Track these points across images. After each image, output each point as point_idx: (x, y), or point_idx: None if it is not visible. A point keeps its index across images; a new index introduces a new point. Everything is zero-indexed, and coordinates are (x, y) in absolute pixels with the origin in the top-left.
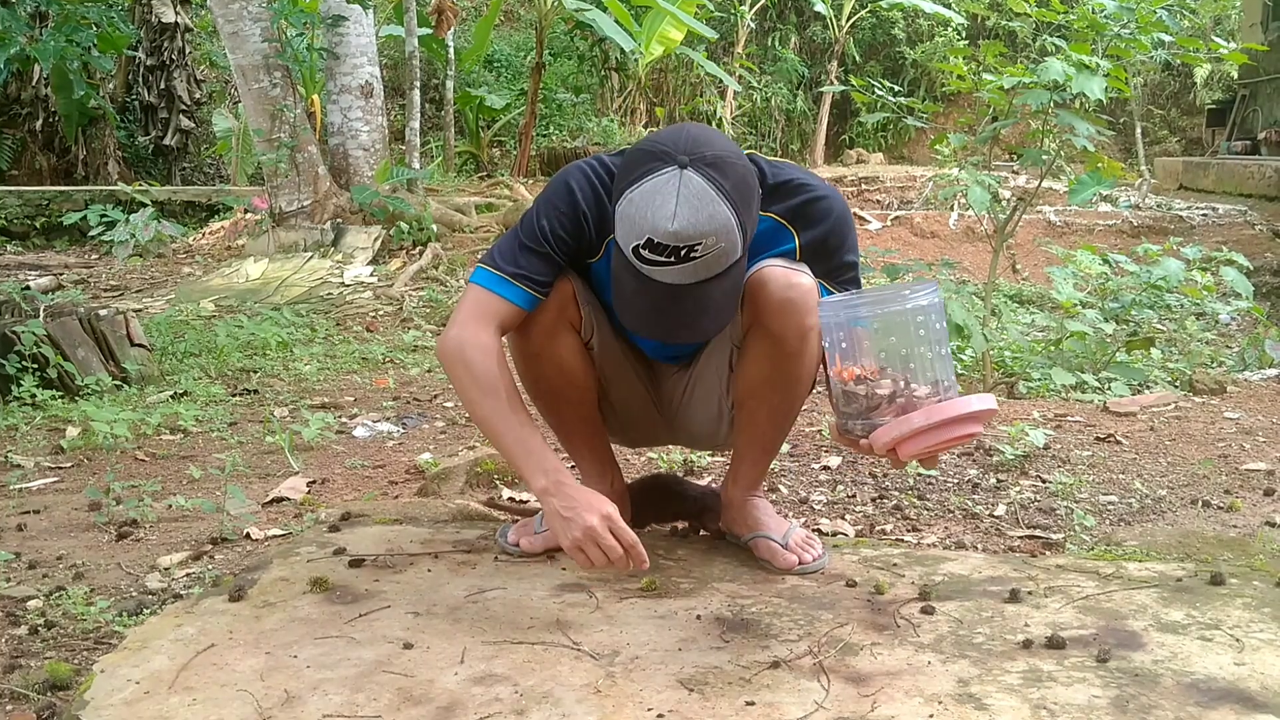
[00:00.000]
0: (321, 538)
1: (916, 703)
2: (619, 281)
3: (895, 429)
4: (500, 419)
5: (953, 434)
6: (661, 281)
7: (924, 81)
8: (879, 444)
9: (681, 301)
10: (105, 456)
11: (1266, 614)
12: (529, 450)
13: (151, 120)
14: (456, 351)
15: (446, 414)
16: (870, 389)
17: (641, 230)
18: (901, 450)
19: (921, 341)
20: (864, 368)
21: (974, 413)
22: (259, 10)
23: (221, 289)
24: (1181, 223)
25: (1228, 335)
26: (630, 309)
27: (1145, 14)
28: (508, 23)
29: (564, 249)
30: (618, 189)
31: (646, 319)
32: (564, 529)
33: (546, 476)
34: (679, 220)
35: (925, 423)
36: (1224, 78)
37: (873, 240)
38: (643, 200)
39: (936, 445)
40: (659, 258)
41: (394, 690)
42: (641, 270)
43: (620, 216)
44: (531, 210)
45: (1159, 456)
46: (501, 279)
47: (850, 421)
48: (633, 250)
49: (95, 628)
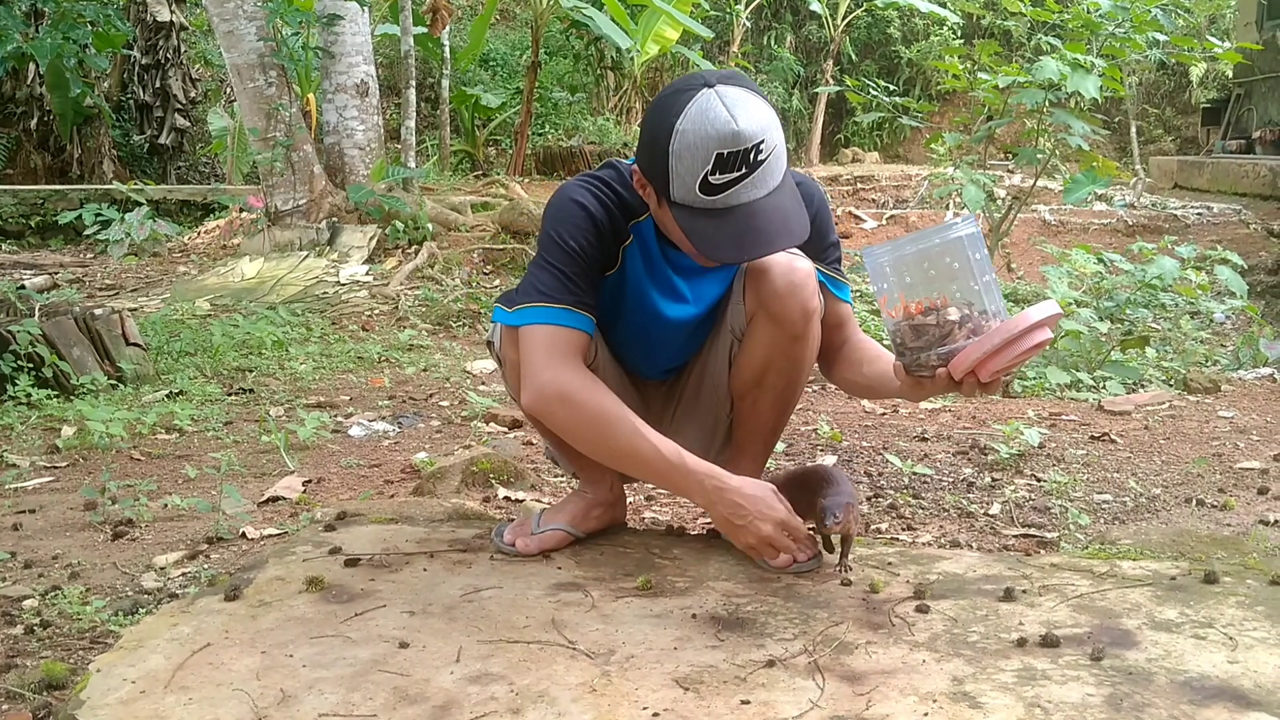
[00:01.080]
0: (317, 537)
1: (911, 701)
2: (694, 233)
3: (978, 348)
4: (635, 447)
5: (1029, 344)
6: (739, 204)
7: (919, 81)
8: (961, 367)
9: (764, 215)
10: (101, 456)
11: (1260, 612)
12: (674, 466)
13: (147, 119)
14: (558, 398)
15: (442, 413)
16: (941, 317)
17: (708, 149)
18: (983, 369)
19: (973, 269)
20: (930, 300)
21: (1042, 320)
22: (254, 9)
23: (217, 288)
24: (1176, 222)
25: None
26: (719, 246)
27: (1140, 13)
28: (503, 21)
29: (596, 267)
30: (659, 138)
31: (740, 244)
32: (738, 535)
33: (703, 486)
34: (739, 122)
35: (1006, 336)
36: (1219, 77)
37: (868, 238)
38: (695, 125)
39: (1016, 358)
40: (730, 175)
41: (390, 689)
42: (716, 203)
43: (678, 154)
44: (547, 238)
45: (1153, 455)
46: (563, 310)
47: (923, 354)
48: (702, 182)
49: (91, 627)
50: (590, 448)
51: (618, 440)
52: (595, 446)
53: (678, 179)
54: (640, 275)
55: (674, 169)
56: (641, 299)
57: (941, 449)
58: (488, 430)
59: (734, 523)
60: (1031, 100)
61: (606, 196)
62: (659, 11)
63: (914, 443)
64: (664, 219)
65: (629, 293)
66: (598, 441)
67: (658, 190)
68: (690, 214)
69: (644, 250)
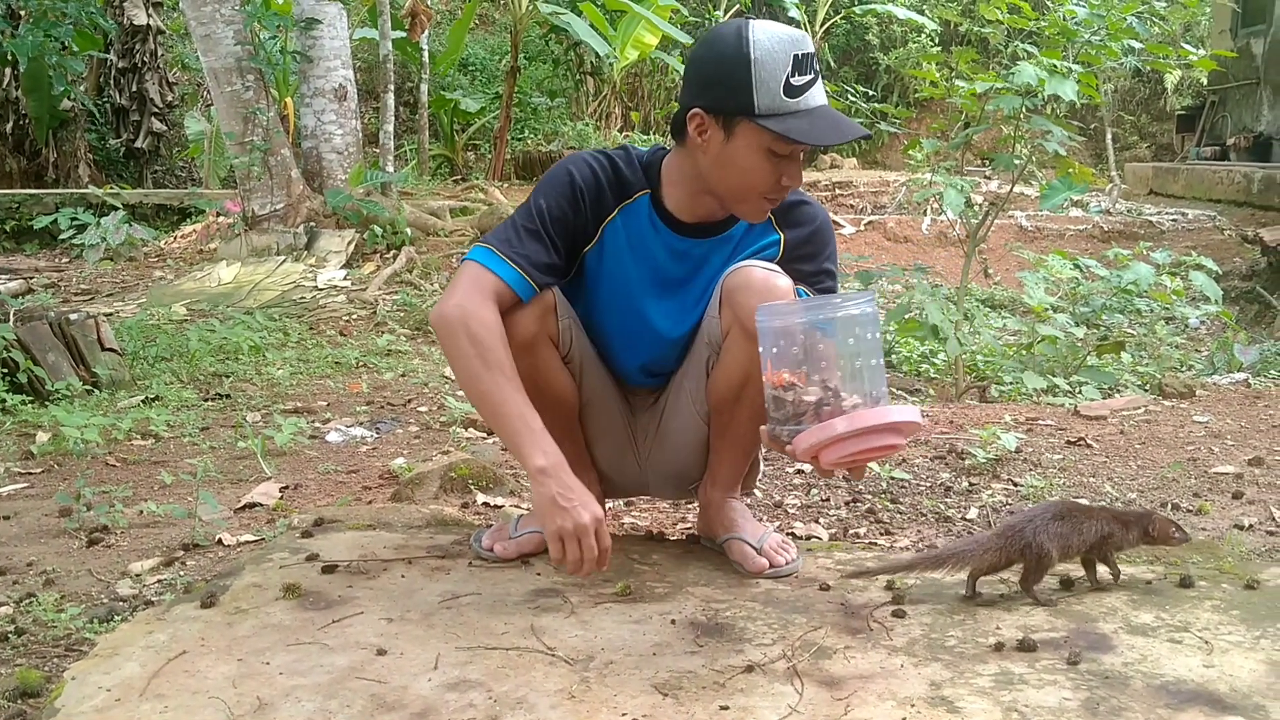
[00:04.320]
0: (294, 543)
1: (889, 706)
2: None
3: (815, 435)
4: (504, 395)
5: (872, 444)
6: (818, 105)
7: (897, 87)
8: (800, 450)
9: (838, 115)
10: (76, 462)
11: (1235, 616)
12: (531, 429)
13: (123, 123)
14: (460, 321)
15: (420, 419)
16: (798, 395)
17: (786, 52)
18: (822, 457)
19: (853, 351)
20: (795, 374)
21: (895, 423)
22: (232, 13)
23: (193, 293)
24: (1151, 228)
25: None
26: (820, 132)
27: (1116, 21)
28: (482, 26)
29: (561, 231)
30: (731, 58)
31: (838, 129)
32: (555, 515)
33: (547, 458)
34: (794, 30)
35: (846, 430)
36: (1193, 84)
37: (846, 245)
38: (766, 36)
39: (856, 454)
40: (806, 77)
41: (367, 697)
42: (799, 105)
43: (759, 62)
44: (531, 197)
45: (1129, 460)
46: (498, 257)
47: (778, 427)
48: (785, 85)
49: (66, 635)
50: (467, 382)
51: (487, 384)
52: (471, 383)
53: (762, 86)
54: (622, 256)
55: (757, 78)
56: (624, 283)
57: (919, 454)
58: (466, 436)
59: (558, 503)
60: (1009, 106)
61: (602, 170)
62: (638, 17)
63: None
64: (734, 150)
65: (607, 273)
66: (472, 379)
67: (739, 108)
68: (780, 119)
69: (629, 231)
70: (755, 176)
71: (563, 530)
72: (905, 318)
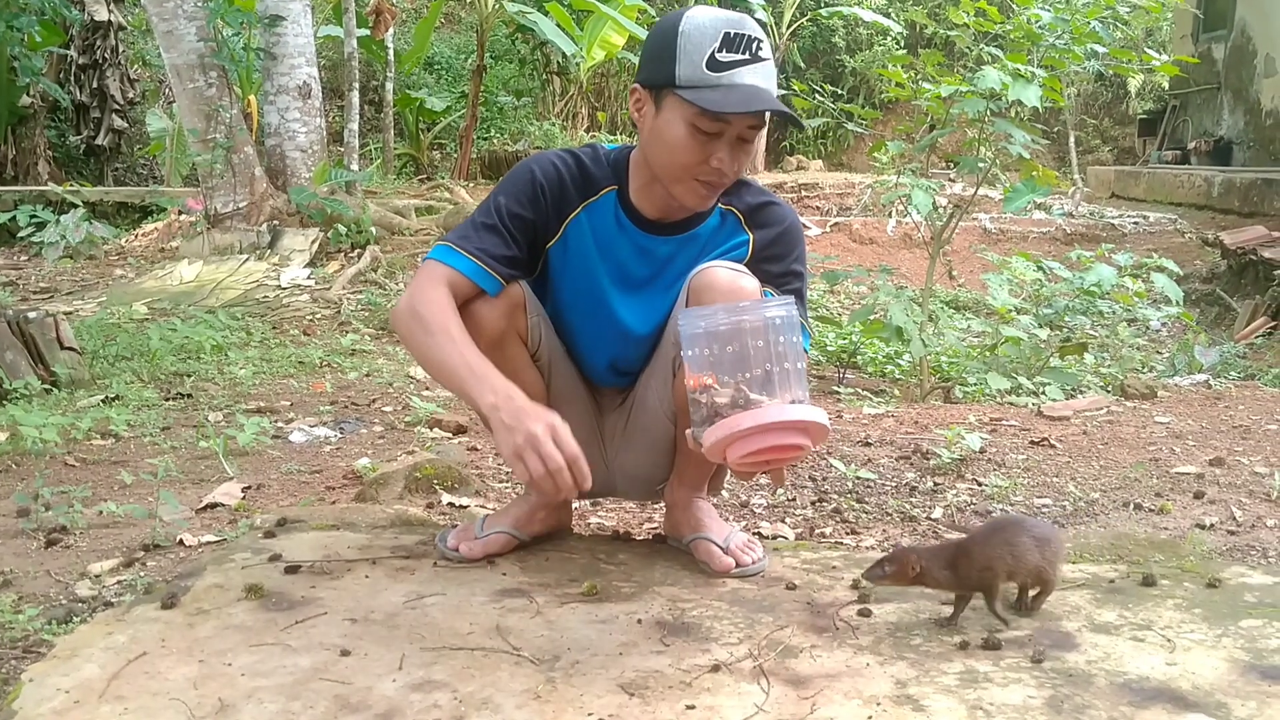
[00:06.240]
0: (257, 544)
1: (855, 705)
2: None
3: (719, 430)
4: (447, 352)
5: (775, 442)
6: (742, 83)
7: (863, 90)
8: (707, 446)
9: (767, 93)
10: (34, 461)
11: (1197, 615)
12: (476, 373)
13: (83, 120)
14: (408, 309)
15: (385, 418)
16: (711, 398)
17: (716, 28)
18: (729, 455)
19: (769, 354)
20: (710, 377)
21: (800, 422)
22: (194, 9)
23: (155, 291)
24: (1114, 230)
25: (1158, 341)
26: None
27: (1079, 25)
28: (448, 25)
29: (520, 225)
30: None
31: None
32: (506, 437)
33: (495, 394)
34: (741, 15)
35: (749, 425)
36: (1155, 88)
37: (812, 246)
38: (703, 12)
39: (761, 451)
40: (735, 55)
41: (330, 698)
42: (721, 80)
43: (686, 34)
44: (491, 194)
45: (1092, 460)
46: (453, 251)
47: (695, 429)
48: (709, 59)
49: (23, 636)
50: (421, 357)
51: (433, 348)
52: (423, 355)
53: (685, 58)
54: (588, 252)
55: (682, 49)
56: (590, 279)
57: (884, 454)
58: (431, 436)
59: (506, 423)
60: (973, 109)
61: (566, 167)
62: (605, 17)
63: (858, 448)
64: (661, 124)
65: (573, 269)
66: (423, 351)
67: (663, 80)
68: (697, 90)
69: (595, 228)
70: (682, 153)
71: (517, 447)
72: (870, 319)
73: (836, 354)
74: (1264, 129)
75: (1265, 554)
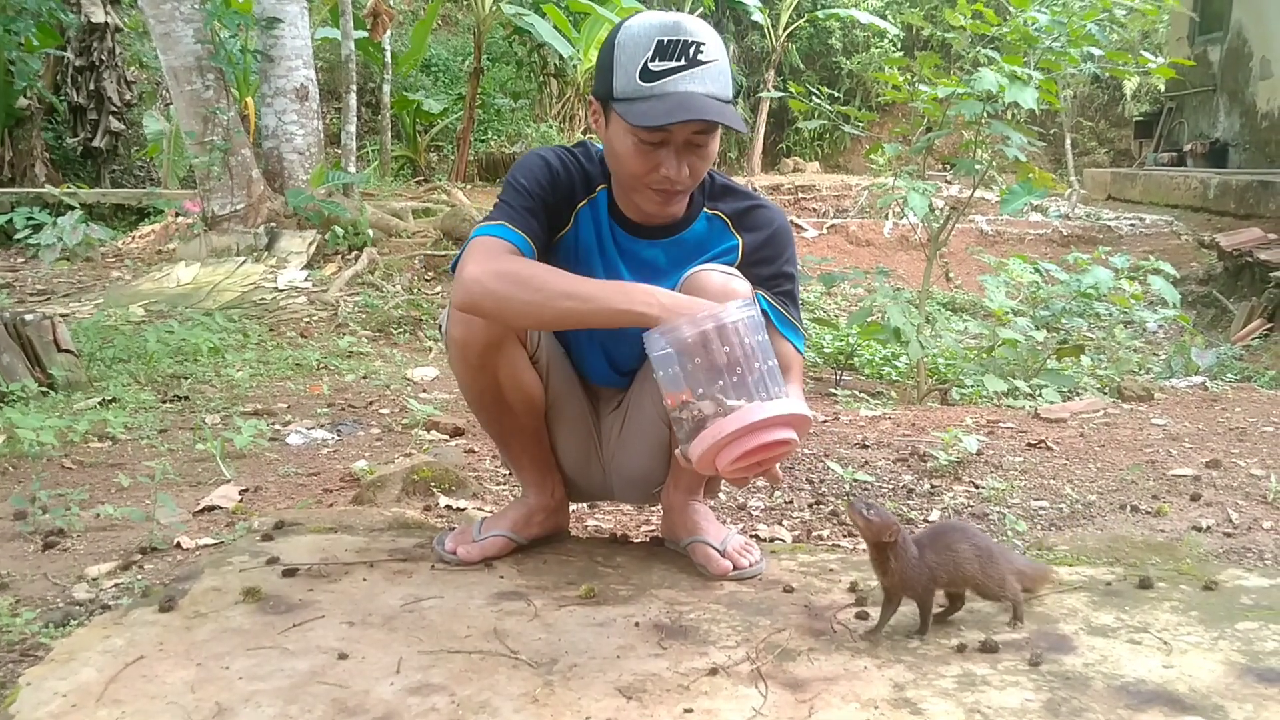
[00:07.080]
0: (254, 547)
1: (853, 708)
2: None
3: (705, 440)
4: (572, 283)
5: (762, 440)
6: (676, 91)
7: (860, 92)
8: (696, 458)
9: (701, 100)
10: (31, 464)
11: (1194, 617)
12: (620, 288)
13: (80, 122)
14: (491, 277)
15: (382, 421)
16: (692, 412)
17: (649, 36)
18: (719, 463)
19: (738, 358)
20: (688, 393)
21: (784, 416)
22: (191, 11)
23: (152, 294)
24: (1110, 232)
25: (1155, 343)
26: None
27: (1076, 28)
28: (445, 27)
29: (544, 202)
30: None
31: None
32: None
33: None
34: (683, 21)
35: (734, 428)
36: (1151, 91)
37: (809, 248)
38: (639, 20)
39: (751, 453)
40: (669, 63)
41: (328, 701)
42: (654, 90)
43: (621, 45)
44: (505, 183)
45: (1088, 462)
46: (500, 226)
47: (683, 446)
48: (642, 69)
49: (21, 639)
50: (527, 303)
51: (553, 285)
52: (532, 298)
53: (620, 70)
54: (590, 245)
55: (617, 60)
56: (591, 273)
57: (882, 456)
58: (429, 438)
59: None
60: (970, 112)
61: (569, 159)
62: (601, 19)
63: (855, 450)
64: (610, 135)
65: (575, 261)
66: (534, 293)
67: (604, 92)
68: (629, 103)
69: (595, 221)
70: (630, 163)
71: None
72: (868, 321)
73: (834, 356)
74: (1259, 131)
75: (1261, 556)
